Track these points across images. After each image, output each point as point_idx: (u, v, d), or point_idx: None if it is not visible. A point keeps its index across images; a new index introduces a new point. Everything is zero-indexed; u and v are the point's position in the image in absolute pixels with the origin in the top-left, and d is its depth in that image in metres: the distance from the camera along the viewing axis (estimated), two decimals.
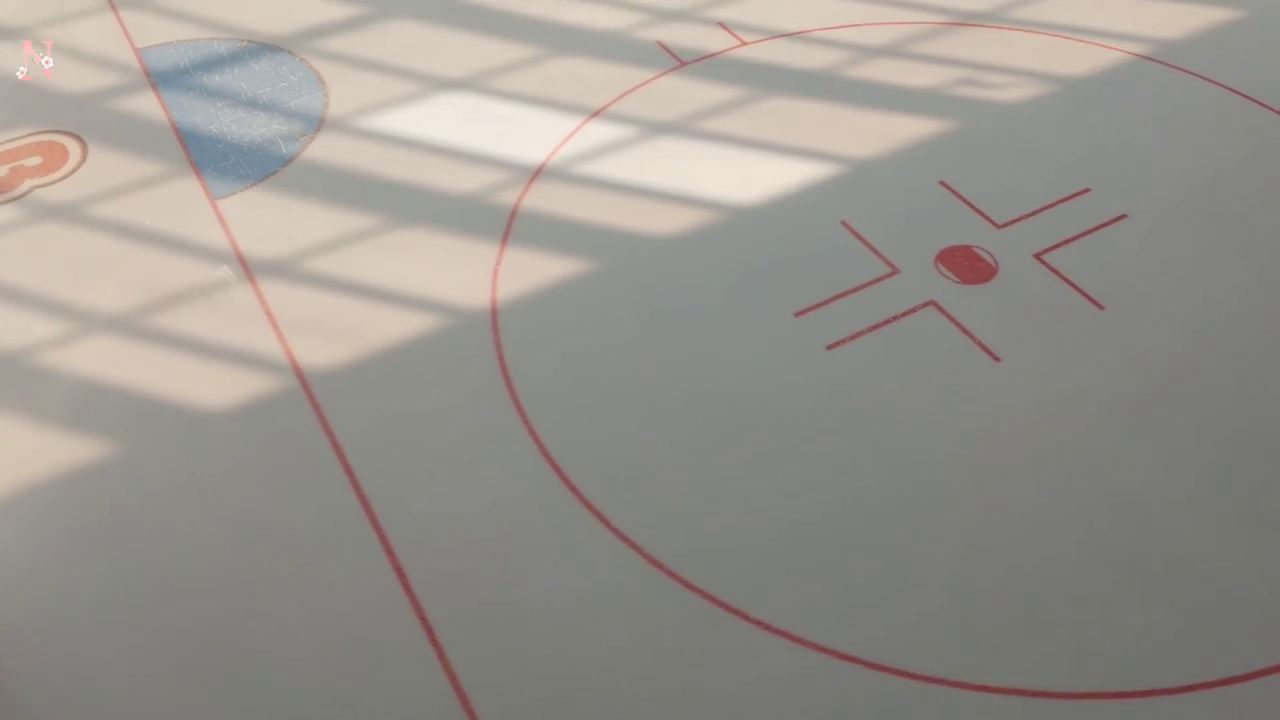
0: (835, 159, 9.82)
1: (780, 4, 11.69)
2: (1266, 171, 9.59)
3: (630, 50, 11.15)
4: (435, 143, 10.17)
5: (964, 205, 9.28)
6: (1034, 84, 10.55)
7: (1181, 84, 10.47)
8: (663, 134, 10.19)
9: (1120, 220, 9.10)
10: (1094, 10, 11.36)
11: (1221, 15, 11.28)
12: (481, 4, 11.93)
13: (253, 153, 10.10)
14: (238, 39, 11.50)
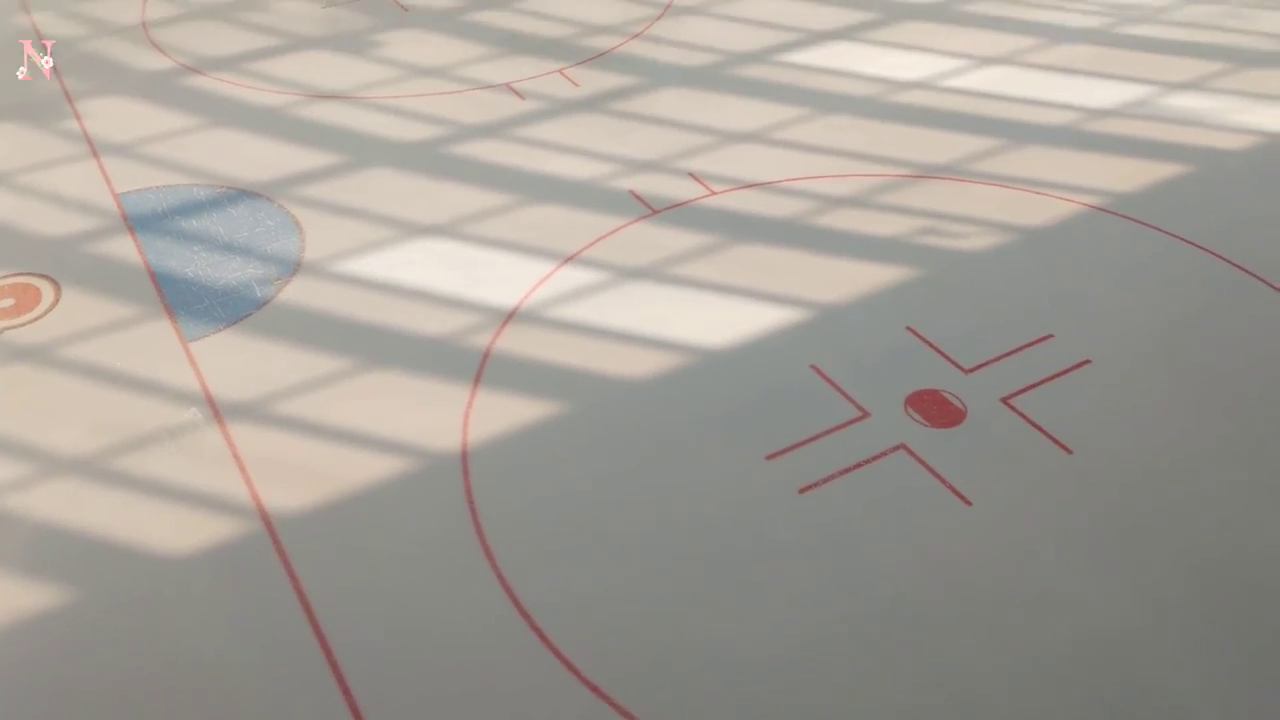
0: (804, 304, 9.99)
1: (748, 156, 12.08)
2: (1223, 318, 9.83)
3: (603, 198, 11.42)
4: (409, 287, 10.28)
5: (931, 350, 9.41)
6: (996, 234, 10.86)
7: (1138, 235, 10.80)
8: (635, 279, 10.36)
9: (1084, 365, 9.24)
10: (1051, 164, 11.80)
11: (1174, 169, 11.73)
12: (458, 153, 12.25)
13: (227, 296, 10.17)
14: (217, 185, 11.71)
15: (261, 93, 13.37)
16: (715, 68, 13.76)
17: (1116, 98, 12.91)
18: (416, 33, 14.73)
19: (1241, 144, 12.12)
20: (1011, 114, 12.68)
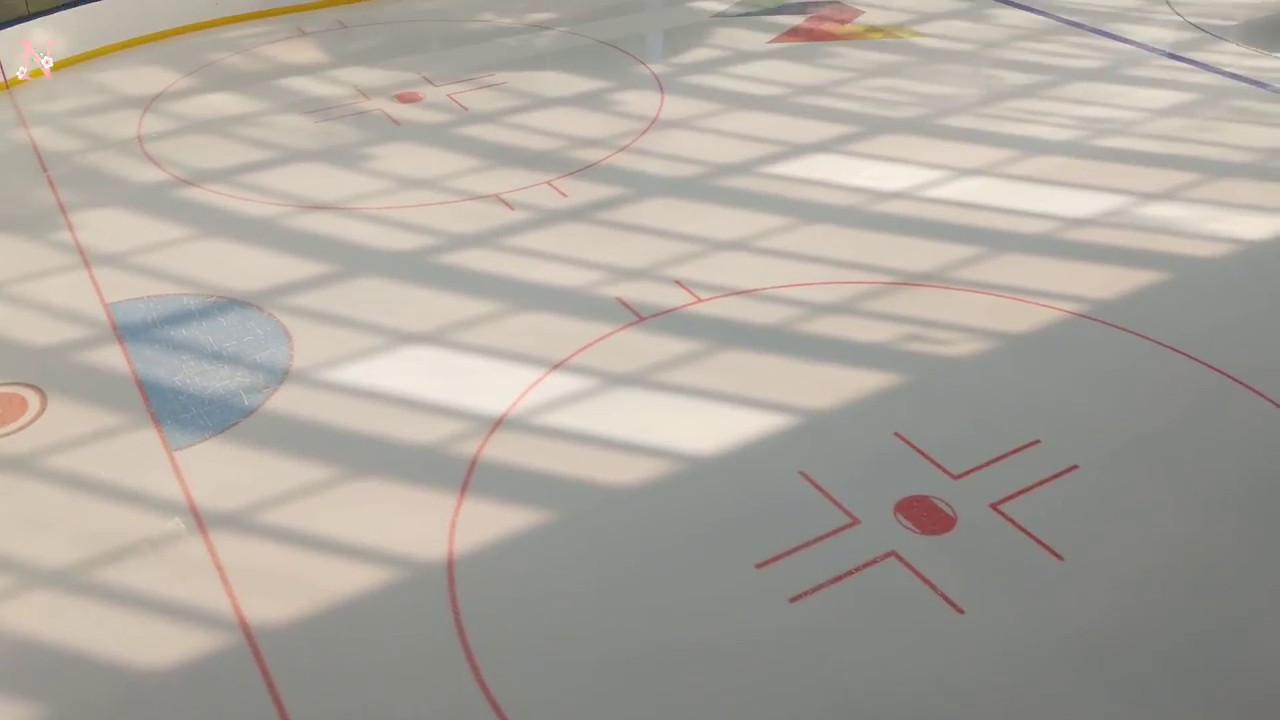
0: (792, 410, 10.02)
1: (734, 263, 12.25)
2: (1206, 422, 9.89)
3: (591, 306, 11.53)
4: (397, 394, 10.28)
5: (920, 456, 9.42)
6: (980, 340, 10.97)
7: (1119, 340, 10.93)
8: (622, 385, 10.39)
9: (1072, 471, 9.25)
10: (1032, 271, 12.00)
11: (1152, 276, 11.93)
12: (447, 262, 12.39)
13: (214, 404, 10.15)
14: (208, 294, 11.79)
15: (254, 204, 13.56)
16: (701, 178, 14.05)
17: (1093, 207, 13.19)
18: (408, 145, 15.03)
19: (1216, 251, 12.36)
20: (992, 223, 12.93)
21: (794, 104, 16.03)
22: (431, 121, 15.78)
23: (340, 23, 19.68)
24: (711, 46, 18.38)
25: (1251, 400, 10.07)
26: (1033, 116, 15.59)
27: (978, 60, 17.57)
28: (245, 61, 18.08)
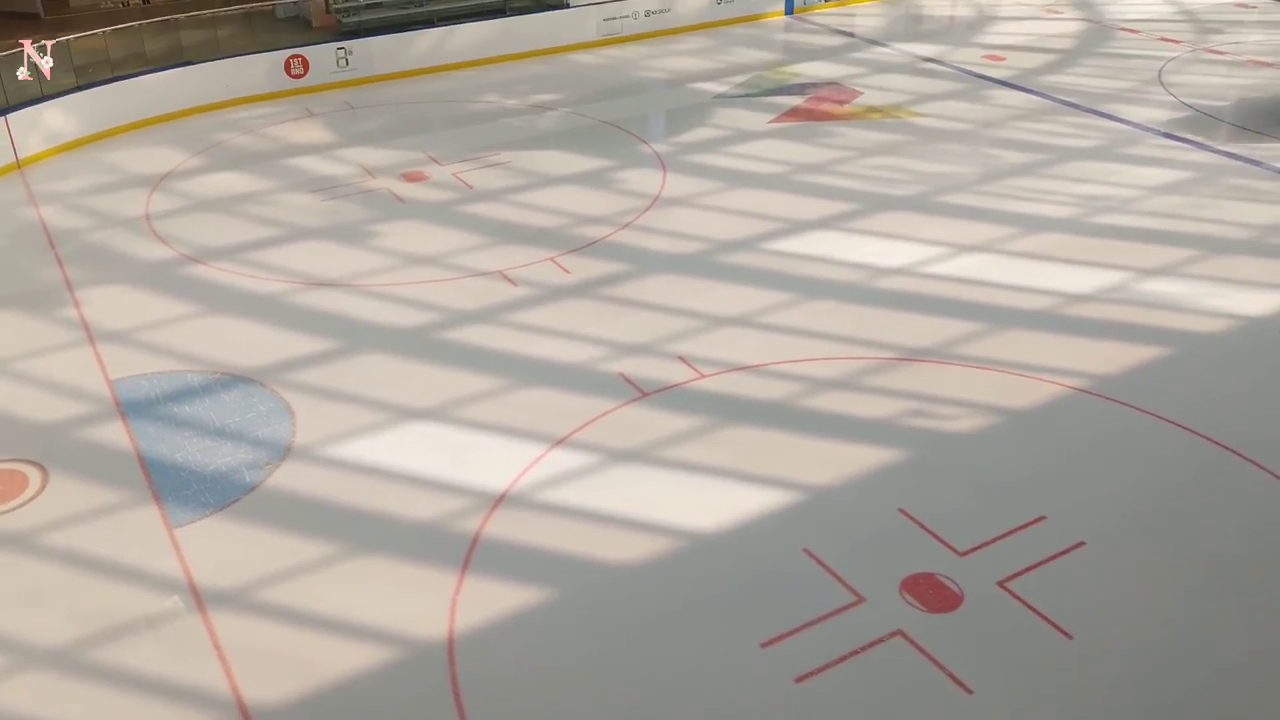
0: (795, 486, 9.97)
1: (736, 339, 12.30)
2: (1212, 497, 9.83)
3: (594, 381, 11.55)
4: (399, 471, 10.25)
5: (925, 532, 9.35)
6: (983, 415, 10.96)
7: (1122, 416, 10.92)
8: (625, 461, 10.36)
9: (1079, 547, 9.17)
10: (1033, 347, 12.03)
11: (1153, 352, 11.95)
12: (451, 338, 12.45)
13: (215, 481, 10.11)
14: (211, 371, 11.83)
15: (260, 281, 13.67)
16: (703, 255, 14.17)
17: (1093, 283, 13.27)
18: (413, 223, 15.20)
19: (1216, 327, 12.41)
20: (992, 299, 13.00)
21: (794, 182, 16.24)
22: (437, 200, 15.98)
23: (348, 104, 20.04)
24: (713, 126, 18.68)
25: (1255, 475, 10.02)
26: (1031, 194, 15.77)
27: (976, 139, 17.84)
28: (253, 141, 18.37)
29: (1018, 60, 21.66)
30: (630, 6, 23.15)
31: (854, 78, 20.78)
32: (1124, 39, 23.03)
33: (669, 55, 22.62)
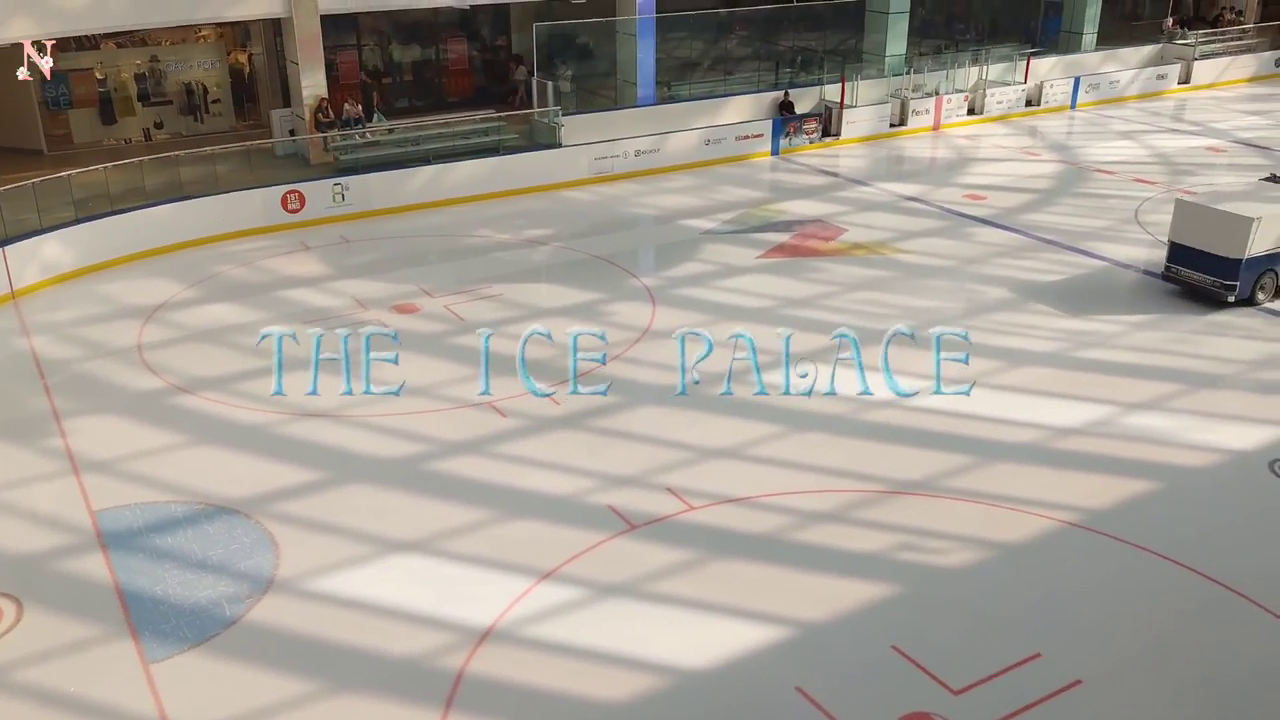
0: (786, 622, 9.81)
1: (726, 470, 12.26)
2: (1207, 634, 9.69)
3: (582, 514, 11.45)
4: (383, 605, 10.06)
5: (918, 670, 9.16)
6: (974, 549, 10.87)
7: (1115, 551, 10.84)
8: (613, 596, 10.20)
9: (1075, 686, 8.99)
10: (1022, 481, 12.01)
11: (1142, 486, 11.94)
12: (438, 469, 12.38)
13: (195, 615, 9.90)
14: (196, 502, 11.70)
15: (248, 411, 13.65)
16: (692, 387, 14.22)
17: (1080, 417, 13.34)
18: (403, 354, 15.24)
19: (1204, 461, 12.43)
20: (980, 432, 13.04)
21: (782, 315, 16.44)
22: (428, 331, 16.10)
23: (343, 238, 20.38)
24: (701, 261, 19.01)
25: (1252, 612, 9.91)
26: (1015, 329, 15.97)
27: (959, 275, 18.16)
28: (248, 274, 18.60)
29: (998, 199, 22.24)
30: (621, 146, 23.81)
31: (839, 215, 21.27)
32: (1100, 180, 23.71)
33: (658, 193, 23.18)
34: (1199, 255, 16.43)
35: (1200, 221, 16.47)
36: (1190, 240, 16.58)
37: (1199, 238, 16.45)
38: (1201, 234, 16.41)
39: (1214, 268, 16.27)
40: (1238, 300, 16.22)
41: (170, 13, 21.53)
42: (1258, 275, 16.24)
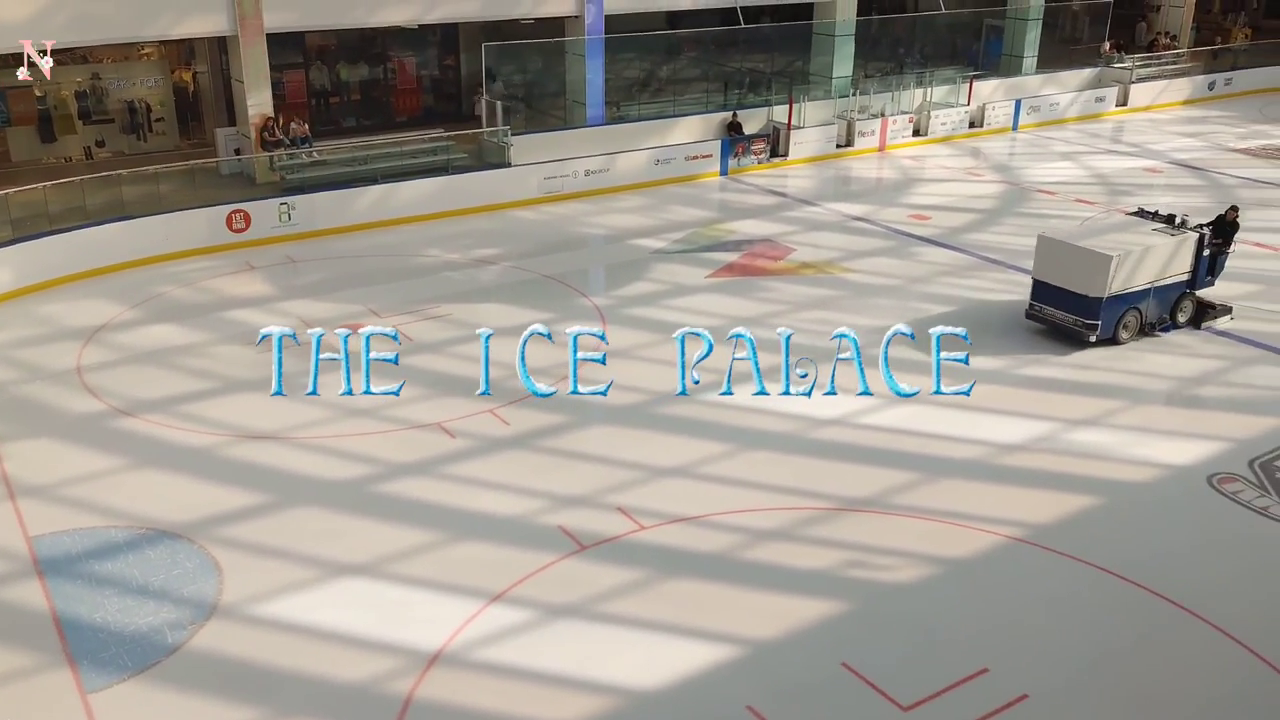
0: (737, 641, 9.81)
1: (676, 489, 12.27)
2: (1151, 648, 9.85)
3: (532, 535, 11.39)
4: (329, 630, 9.91)
5: (868, 687, 9.21)
6: (922, 565, 10.96)
7: (1059, 565, 10.98)
8: (563, 617, 10.14)
9: (1022, 700, 9.08)
10: (968, 497, 12.15)
11: (1085, 501, 12.13)
12: (386, 491, 12.25)
13: (135, 642, 9.69)
14: (137, 527, 11.47)
15: (191, 434, 13.43)
16: (642, 406, 14.24)
17: (1023, 433, 13.53)
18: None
19: (1145, 476, 12.66)
20: (926, 449, 13.17)
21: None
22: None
23: (289, 258, 20.16)
24: (651, 280, 19.06)
25: (1192, 624, 10.08)
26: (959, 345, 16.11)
27: (905, 294, 18.37)
28: (192, 294, 18.33)
29: (942, 219, 22.55)
30: (571, 166, 23.83)
31: (787, 235, 21.44)
32: (1042, 200, 24.14)
33: (608, 212, 23.23)
34: (1061, 293, 15.84)
35: (1062, 258, 15.94)
36: (1052, 278, 16.00)
37: (1061, 275, 15.87)
38: (1063, 271, 15.84)
39: (1076, 306, 15.66)
40: (1100, 340, 15.65)
41: (113, 30, 21.23)
42: (1120, 314, 15.71)
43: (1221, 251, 16.76)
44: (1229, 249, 16.97)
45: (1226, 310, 16.82)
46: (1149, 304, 15.98)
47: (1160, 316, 16.25)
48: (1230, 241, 16.99)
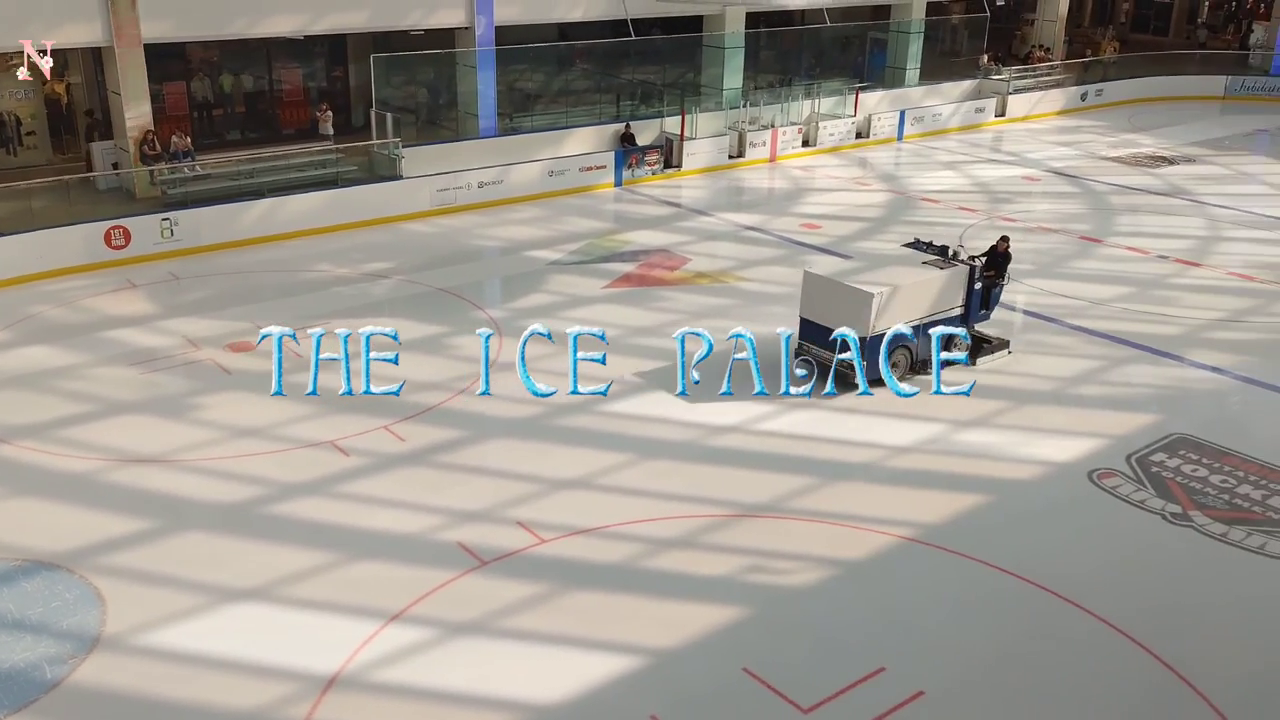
0: (640, 651, 9.82)
1: (575, 501, 12.23)
2: (1039, 639, 10.16)
3: (430, 552, 11.23)
4: (221, 658, 9.61)
5: (769, 691, 9.30)
6: (820, 569, 11.13)
7: (950, 563, 11.26)
8: (464, 634, 10.01)
9: (918, 697, 9.28)
10: (863, 499, 12.39)
11: (975, 500, 12.47)
12: (277, 513, 11.94)
13: (12, 679, 9.24)
14: (12, 558, 10.95)
15: (69, 459, 12.89)
16: (540, 418, 14.16)
17: (913, 435, 13.85)
18: (239, 394, 14.71)
19: (1030, 474, 13.08)
20: (821, 453, 13.39)
21: (628, 344, 16.55)
22: (265, 370, 15.47)
23: (173, 275, 19.54)
24: (547, 292, 18.99)
25: (1078, 616, 10.43)
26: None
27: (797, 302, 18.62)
28: (68, 314, 17.63)
29: (832, 228, 22.99)
30: (464, 177, 23.63)
31: (682, 245, 21.61)
32: (927, 208, 24.81)
33: (503, 224, 23.09)
34: (827, 332, 14.49)
35: (826, 296, 14.89)
36: (818, 316, 14.89)
37: (825, 313, 14.74)
38: (827, 309, 14.74)
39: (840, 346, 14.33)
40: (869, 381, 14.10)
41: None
42: (888, 353, 14.40)
43: (995, 284, 16.03)
44: (1003, 280, 16.21)
45: (1004, 345, 16.12)
46: (919, 340, 14.83)
47: None
48: (1004, 273, 16.17)
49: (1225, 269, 20.66)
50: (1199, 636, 10.24)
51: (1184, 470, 13.08)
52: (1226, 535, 11.79)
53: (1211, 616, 10.58)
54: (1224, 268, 20.73)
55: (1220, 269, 20.68)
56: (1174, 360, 16.25)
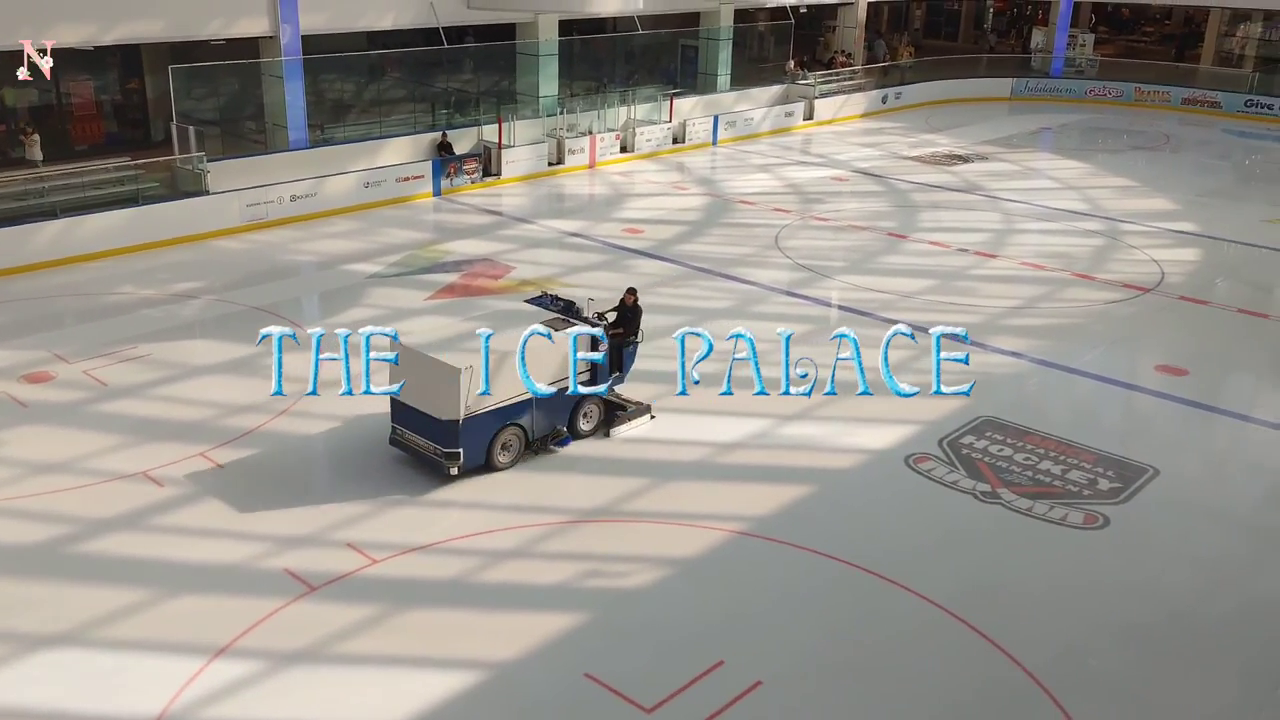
0: (479, 665, 9.71)
1: (406, 519, 12.00)
2: (871, 621, 10.58)
3: (256, 580, 10.80)
4: (30, 708, 8.98)
5: (611, 694, 9.35)
6: (655, 568, 11.27)
7: (782, 554, 11.60)
8: (297, 663, 9.68)
9: (756, 687, 9.51)
10: (694, 497, 12.62)
11: (800, 490, 12.88)
12: (86, 551, 11.24)
13: None
14: None
15: None
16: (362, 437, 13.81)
17: (741, 431, 14.19)
18: (37, 429, 13.79)
19: (851, 462, 13.61)
20: (655, 454, 13.56)
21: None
22: (65, 400, 14.64)
23: None
24: (368, 306, 18.56)
25: (903, 596, 10.91)
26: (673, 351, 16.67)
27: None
28: None
29: (654, 232, 23.32)
30: (274, 191, 22.84)
31: (505, 253, 21.50)
32: (743, 210, 25.47)
33: (318, 238, 22.43)
34: (419, 416, 12.54)
35: (418, 372, 12.45)
36: (411, 398, 12.55)
37: (418, 394, 12.50)
38: (420, 389, 12.48)
39: (434, 432, 12.44)
40: (470, 469, 12.57)
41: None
42: (491, 435, 12.59)
43: (628, 343, 14.34)
44: (635, 338, 14.45)
45: (645, 410, 14.39)
46: (534, 417, 13.01)
47: (554, 428, 13.36)
48: (635, 330, 14.45)
49: (1019, 259, 22.02)
50: (1015, 608, 10.86)
51: (991, 450, 13.86)
52: (1031, 510, 12.56)
53: (1023, 589, 11.24)
54: (1018, 258, 22.10)
55: (1015, 259, 22.02)
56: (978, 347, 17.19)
